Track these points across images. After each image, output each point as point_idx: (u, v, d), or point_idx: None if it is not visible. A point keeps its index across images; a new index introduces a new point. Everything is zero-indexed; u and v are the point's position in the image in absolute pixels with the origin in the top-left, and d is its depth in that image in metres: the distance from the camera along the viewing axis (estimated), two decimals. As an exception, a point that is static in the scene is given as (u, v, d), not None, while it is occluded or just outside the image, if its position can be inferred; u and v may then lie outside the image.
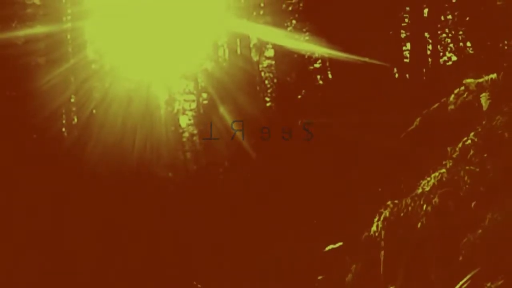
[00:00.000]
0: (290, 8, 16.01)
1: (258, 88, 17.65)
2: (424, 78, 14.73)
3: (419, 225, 3.55)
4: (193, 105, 19.20)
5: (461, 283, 3.02)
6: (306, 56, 16.16)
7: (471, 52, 14.22)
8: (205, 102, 18.53)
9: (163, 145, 16.38)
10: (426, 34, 15.09)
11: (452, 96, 3.95)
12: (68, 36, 16.09)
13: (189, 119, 19.36)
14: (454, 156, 3.68)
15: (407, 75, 15.21)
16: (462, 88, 3.92)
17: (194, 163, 18.11)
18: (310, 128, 12.43)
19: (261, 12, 16.99)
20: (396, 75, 15.06)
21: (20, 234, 11.16)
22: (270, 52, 18.31)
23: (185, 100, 19.48)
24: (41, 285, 10.46)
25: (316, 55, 15.88)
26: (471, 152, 3.58)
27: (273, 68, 18.20)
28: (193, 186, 15.84)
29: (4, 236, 10.97)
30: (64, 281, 10.61)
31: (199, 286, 5.21)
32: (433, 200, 3.53)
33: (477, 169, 3.45)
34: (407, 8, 15.29)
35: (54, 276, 10.67)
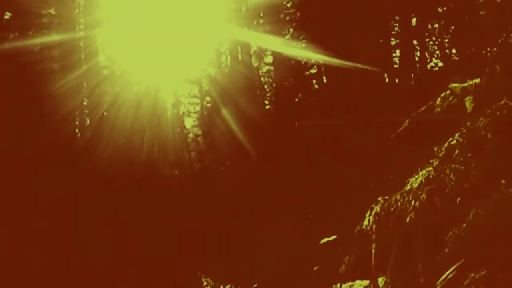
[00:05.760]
0: (288, 18, 16.02)
1: (258, 92, 17.64)
2: (413, 82, 14.75)
3: (407, 219, 3.55)
4: (198, 108, 19.19)
5: (447, 273, 3.02)
6: (303, 62, 16.16)
7: (456, 58, 14.23)
8: (209, 105, 18.52)
9: (169, 145, 16.36)
10: (414, 42, 15.11)
11: (439, 99, 3.96)
12: (81, 44, 16.08)
13: (194, 121, 19.35)
14: (440, 155, 3.68)
15: (397, 80, 15.23)
16: (448, 92, 3.93)
17: (198, 162, 18.09)
18: (306, 129, 12.43)
19: (261, 21, 17.00)
20: (387, 80, 15.07)
21: (34, 231, 11.14)
22: (269, 59, 18.31)
23: (190, 103, 19.48)
24: (55, 278, 10.44)
25: (312, 61, 15.89)
26: (456, 151, 3.58)
27: (272, 73, 18.19)
28: (197, 183, 15.83)
29: (19, 232, 10.95)
30: (76, 274, 10.59)
31: (203, 276, 5.21)
32: (421, 196, 3.53)
33: (462, 168, 3.45)
34: (397, 18, 15.30)
35: (66, 269, 10.65)
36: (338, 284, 4.31)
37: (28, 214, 11.43)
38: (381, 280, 3.85)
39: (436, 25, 15.18)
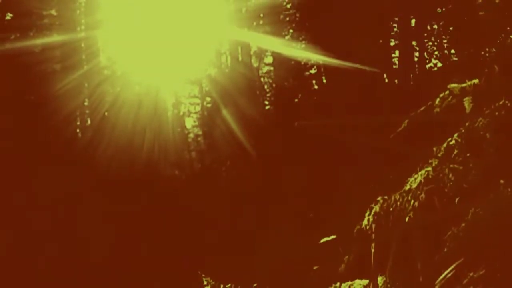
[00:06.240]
0: (288, 19, 16.03)
1: (258, 92, 17.64)
2: (412, 83, 14.76)
3: (406, 219, 3.55)
4: (198, 108, 19.18)
5: (446, 272, 3.02)
6: (303, 63, 16.17)
7: (455, 59, 14.23)
8: (209, 105, 18.51)
9: (170, 145, 16.36)
10: (414, 42, 15.12)
11: (438, 99, 3.95)
12: (82, 44, 16.08)
13: (194, 121, 19.34)
14: (439, 155, 3.67)
15: (396, 80, 15.23)
16: (447, 92, 3.92)
17: (198, 161, 18.09)
18: (306, 129, 12.44)
19: (261, 22, 16.99)
20: (386, 80, 15.07)
21: (34, 230, 11.13)
22: (269, 59, 18.30)
23: (190, 104, 19.46)
24: (55, 278, 10.43)
25: (312, 61, 15.89)
26: (455, 151, 3.57)
27: (272, 73, 18.18)
28: (197, 183, 15.83)
29: (19, 232, 10.94)
30: (76, 274, 10.58)
31: (203, 276, 5.21)
32: (420, 196, 3.53)
33: (461, 168, 3.45)
34: (396, 19, 15.31)
35: (66, 269, 10.64)
36: (338, 283, 4.31)
37: (28, 214, 11.43)
38: (380, 279, 3.85)
39: (435, 26, 15.18)
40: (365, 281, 4.10)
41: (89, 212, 11.98)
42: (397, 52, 15.49)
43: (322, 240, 4.50)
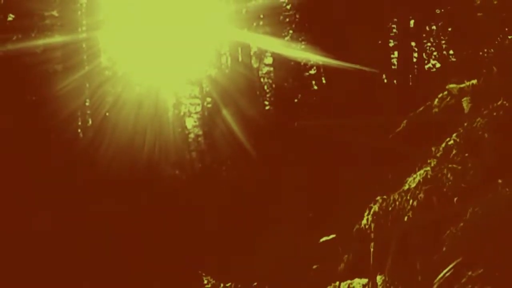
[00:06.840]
0: (287, 20, 16.04)
1: (258, 92, 17.64)
2: (411, 83, 14.76)
3: (405, 218, 3.55)
4: (198, 108, 19.19)
5: (444, 271, 3.02)
6: (302, 63, 16.18)
7: (453, 59, 14.22)
8: (209, 105, 18.52)
9: (170, 145, 16.36)
10: (412, 43, 15.11)
11: (436, 100, 3.95)
12: (83, 45, 16.09)
13: (195, 121, 19.35)
14: (438, 155, 3.67)
15: (395, 81, 15.23)
16: (446, 92, 3.92)
17: (199, 161, 18.09)
18: (306, 129, 12.44)
19: (261, 23, 16.99)
20: (385, 81, 15.08)
21: (34, 230, 11.12)
22: (269, 60, 18.31)
23: (191, 104, 19.47)
24: (55, 278, 10.42)
25: (311, 62, 15.90)
26: (454, 151, 3.57)
27: (271, 74, 18.18)
28: (198, 183, 15.83)
29: (19, 232, 10.93)
30: (76, 273, 10.58)
31: (203, 275, 5.21)
32: (419, 196, 3.53)
33: (459, 167, 3.45)
34: (395, 19, 15.31)
35: (67, 269, 10.63)
36: (337, 282, 4.31)
37: (28, 214, 11.43)
38: (379, 279, 3.85)
39: (434, 27, 15.18)
40: (364, 280, 4.10)
41: (89, 212, 11.98)
42: (396, 53, 15.50)
43: (322, 240, 4.50)
